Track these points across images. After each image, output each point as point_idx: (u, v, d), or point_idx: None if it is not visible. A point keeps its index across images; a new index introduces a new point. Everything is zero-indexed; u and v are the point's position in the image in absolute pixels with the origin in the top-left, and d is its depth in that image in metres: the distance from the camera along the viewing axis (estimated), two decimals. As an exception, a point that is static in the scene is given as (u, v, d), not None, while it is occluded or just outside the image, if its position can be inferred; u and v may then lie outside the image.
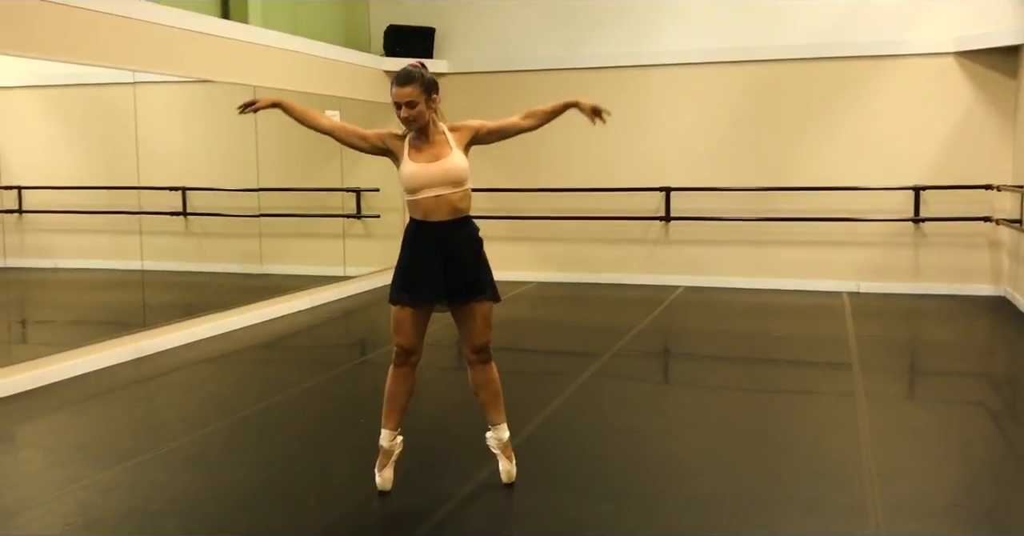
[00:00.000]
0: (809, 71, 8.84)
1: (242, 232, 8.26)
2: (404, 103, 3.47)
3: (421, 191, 3.51)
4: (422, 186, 3.50)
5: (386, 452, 3.73)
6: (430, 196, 3.51)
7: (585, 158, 9.51)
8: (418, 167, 3.49)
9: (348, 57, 9.00)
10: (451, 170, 3.51)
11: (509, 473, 3.78)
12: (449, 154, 3.53)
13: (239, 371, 6.38)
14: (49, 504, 3.68)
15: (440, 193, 3.51)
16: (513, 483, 3.78)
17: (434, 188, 3.51)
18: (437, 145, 3.55)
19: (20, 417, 5.03)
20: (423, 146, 3.55)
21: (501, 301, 3.80)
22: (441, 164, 3.50)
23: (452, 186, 3.52)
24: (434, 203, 3.52)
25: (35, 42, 5.58)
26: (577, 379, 5.61)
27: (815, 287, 8.85)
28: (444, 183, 3.51)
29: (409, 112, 3.48)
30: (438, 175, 3.50)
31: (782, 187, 8.85)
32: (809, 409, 5.17)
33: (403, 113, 3.48)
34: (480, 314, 3.67)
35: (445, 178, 3.51)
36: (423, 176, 3.50)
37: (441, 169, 3.50)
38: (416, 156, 3.52)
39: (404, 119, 3.50)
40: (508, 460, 3.80)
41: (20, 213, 7.14)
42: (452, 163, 3.52)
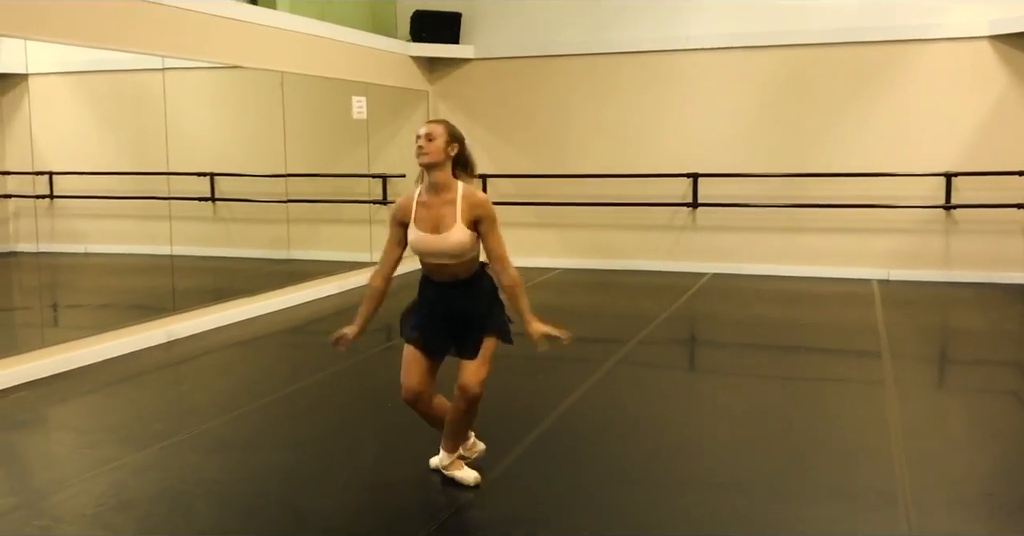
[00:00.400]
0: (839, 56, 8.74)
1: (269, 218, 8.31)
2: (423, 134, 3.46)
3: (425, 256, 3.52)
4: (425, 253, 3.51)
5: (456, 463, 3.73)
6: (432, 262, 3.53)
7: (612, 144, 9.47)
8: (420, 236, 3.46)
9: (375, 43, 9.00)
10: (452, 246, 3.45)
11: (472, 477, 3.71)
12: (451, 228, 3.44)
13: (267, 355, 6.42)
14: (82, 484, 3.73)
15: (440, 262, 3.50)
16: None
17: (436, 258, 3.50)
18: (443, 208, 3.47)
19: (53, 399, 5.10)
20: (432, 203, 3.47)
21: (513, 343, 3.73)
22: (443, 238, 3.44)
23: (451, 258, 3.48)
24: (436, 268, 3.53)
25: (66, 28, 5.62)
26: (603, 366, 5.60)
27: (844, 274, 8.78)
28: (444, 256, 3.48)
29: (425, 144, 3.43)
30: (438, 248, 3.46)
31: (811, 173, 8.77)
32: (838, 397, 5.13)
33: (419, 142, 3.45)
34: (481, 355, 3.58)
35: (445, 252, 3.47)
36: (423, 245, 3.48)
37: (442, 243, 3.45)
38: (421, 217, 3.47)
39: (417, 149, 3.45)
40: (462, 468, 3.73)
41: (51, 198, 7.22)
42: (453, 240, 3.44)
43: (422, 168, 3.49)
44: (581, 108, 9.58)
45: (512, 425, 4.45)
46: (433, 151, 3.44)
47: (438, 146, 3.44)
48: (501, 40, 9.77)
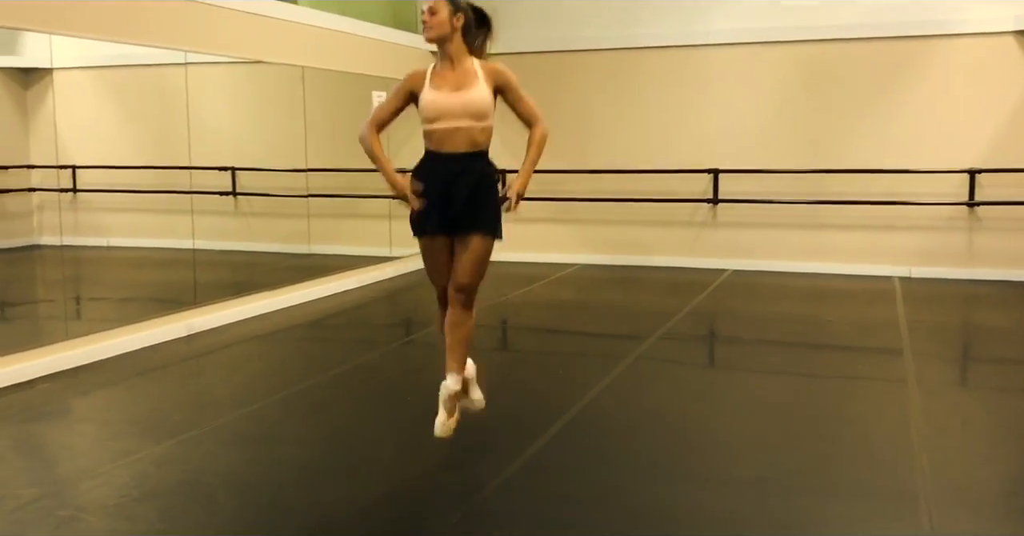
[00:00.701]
0: (862, 51, 8.67)
1: (290, 212, 8.34)
2: (427, 8, 3.42)
3: (438, 121, 3.42)
4: (440, 116, 3.41)
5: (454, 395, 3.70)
6: (448, 127, 3.42)
7: (632, 139, 9.44)
8: (438, 95, 3.39)
9: (396, 38, 9.01)
10: (473, 102, 3.39)
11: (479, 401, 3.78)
12: (475, 86, 3.41)
13: (287, 349, 6.45)
14: (105, 475, 3.76)
15: (458, 125, 3.41)
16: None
17: (453, 119, 3.40)
18: (462, 75, 3.43)
19: (75, 391, 5.15)
20: (447, 74, 3.44)
21: (504, 240, 3.72)
22: (463, 95, 3.39)
23: (472, 119, 3.42)
24: (451, 134, 3.42)
25: (89, 22, 5.66)
26: (622, 361, 5.59)
27: (865, 271, 8.72)
28: (464, 115, 3.40)
29: (429, 18, 3.41)
30: (458, 106, 3.39)
31: (833, 169, 8.70)
32: (859, 395, 5.10)
33: (424, 17, 3.43)
34: (471, 249, 3.51)
35: (466, 110, 3.40)
36: (442, 105, 3.39)
37: (463, 99, 3.39)
38: (438, 84, 3.42)
39: (423, 24, 3.43)
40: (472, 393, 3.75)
41: (74, 192, 7.28)
42: (475, 95, 3.40)
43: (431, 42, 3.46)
44: (602, 103, 9.55)
45: (533, 420, 4.45)
46: (437, 24, 3.42)
47: (442, 18, 3.42)
48: (523, 35, 9.75)
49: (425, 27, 3.42)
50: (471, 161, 3.48)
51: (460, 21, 3.46)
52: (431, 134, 3.45)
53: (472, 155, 3.47)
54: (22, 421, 4.60)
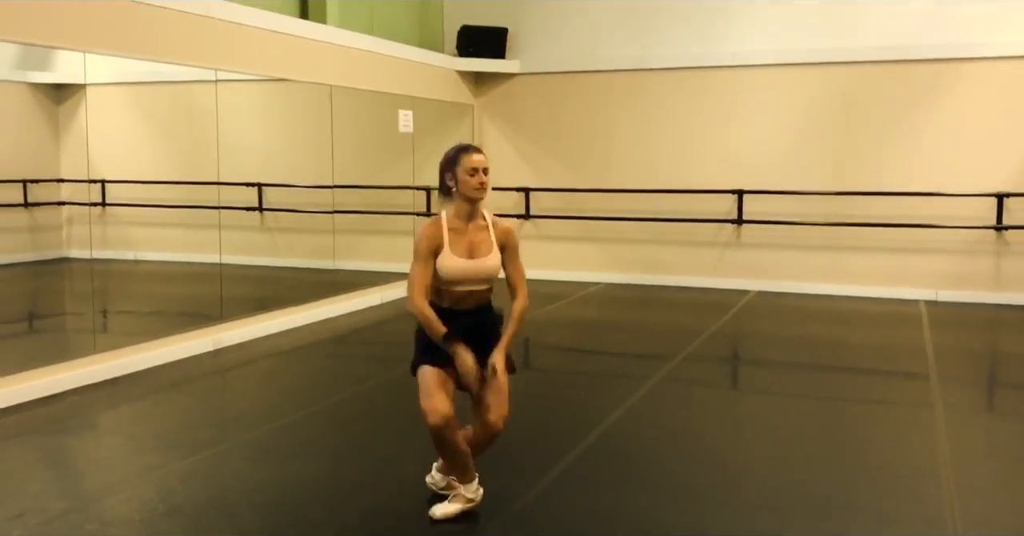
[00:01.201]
0: (887, 74, 8.65)
1: (316, 228, 8.40)
2: (483, 169, 3.42)
3: (456, 285, 3.44)
4: (458, 281, 3.43)
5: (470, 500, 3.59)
6: (464, 290, 3.45)
7: (656, 159, 9.45)
8: (459, 262, 3.40)
9: (422, 57, 9.09)
10: (490, 270, 3.45)
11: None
12: (490, 252, 3.46)
13: (312, 365, 6.49)
14: (132, 490, 3.79)
15: (473, 289, 3.46)
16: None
17: (469, 284, 3.44)
18: (476, 234, 3.46)
19: (103, 405, 5.20)
20: (463, 230, 3.45)
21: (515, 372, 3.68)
22: (482, 263, 3.43)
23: (485, 283, 3.47)
24: (464, 296, 3.46)
25: (124, 41, 5.75)
26: (647, 382, 5.58)
27: (891, 294, 8.67)
28: (480, 281, 3.45)
29: (485, 179, 3.42)
30: (474, 273, 3.43)
31: (858, 192, 8.67)
32: (884, 419, 5.06)
33: (481, 178, 3.41)
34: (501, 390, 3.47)
35: (484, 276, 3.45)
36: (462, 271, 3.41)
37: (481, 267, 3.43)
38: (456, 245, 3.42)
39: (480, 185, 3.41)
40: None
41: (104, 206, 7.37)
42: (491, 263, 3.45)
43: (467, 203, 3.44)
44: (625, 123, 9.58)
45: (555, 441, 4.46)
46: (489, 185, 3.43)
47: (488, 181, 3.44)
48: (546, 55, 9.81)
49: (482, 188, 3.42)
50: (483, 315, 3.51)
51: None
52: (447, 294, 3.46)
53: (483, 309, 3.52)
54: (51, 434, 4.66)
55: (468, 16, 9.88)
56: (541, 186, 9.80)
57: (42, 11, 5.19)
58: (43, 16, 5.20)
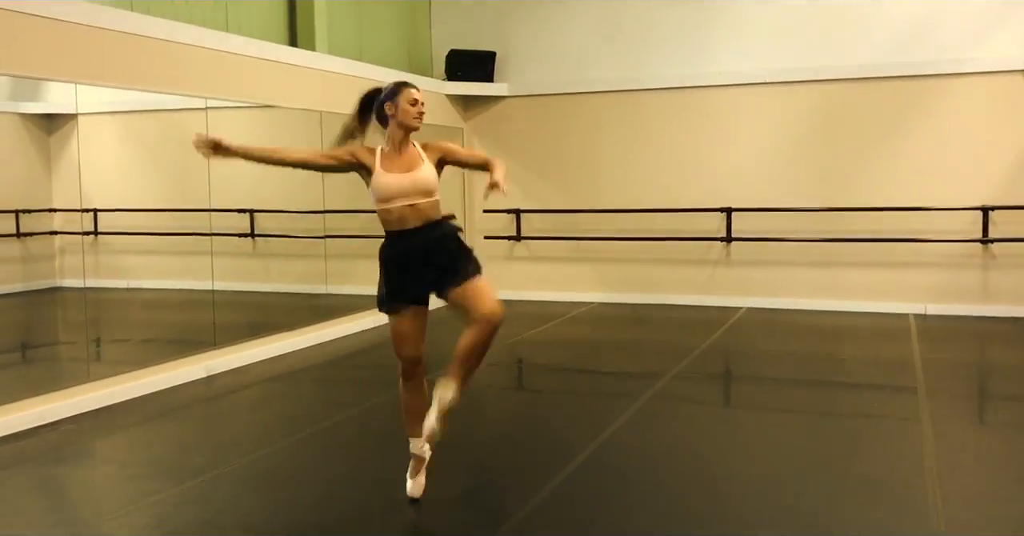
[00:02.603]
0: (873, 90, 8.76)
1: (307, 253, 8.45)
2: (420, 100, 3.75)
3: (394, 200, 3.68)
4: (395, 195, 3.68)
5: (419, 458, 3.89)
6: (404, 204, 3.69)
7: (645, 179, 9.54)
8: (392, 177, 3.68)
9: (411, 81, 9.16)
10: (423, 181, 3.70)
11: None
12: (421, 166, 3.72)
13: (305, 389, 6.51)
14: (126, 516, 3.82)
15: (413, 202, 3.69)
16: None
17: (407, 197, 3.68)
18: (409, 157, 3.74)
19: (98, 433, 5.22)
20: (395, 158, 3.73)
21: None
22: (413, 175, 3.69)
23: (423, 196, 3.70)
24: (408, 211, 3.69)
25: (114, 72, 5.83)
26: (637, 401, 5.62)
27: (880, 309, 8.73)
28: (416, 193, 3.68)
29: (423, 110, 3.75)
30: (410, 185, 3.68)
31: (846, 208, 8.76)
32: (873, 433, 5.11)
33: (421, 108, 3.74)
34: (481, 287, 3.65)
35: (417, 188, 3.69)
36: (396, 186, 3.67)
37: (413, 179, 3.68)
38: (389, 166, 3.70)
39: (419, 115, 3.73)
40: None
41: (96, 235, 7.41)
42: (424, 174, 3.71)
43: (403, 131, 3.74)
44: (615, 143, 9.67)
45: (547, 459, 4.49)
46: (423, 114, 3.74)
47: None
48: (534, 78, 9.91)
49: (419, 118, 3.75)
50: (435, 229, 3.74)
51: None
52: (389, 213, 3.72)
53: (432, 225, 3.73)
54: (46, 462, 4.68)
55: (456, 40, 9.99)
56: (532, 208, 9.87)
57: (32, 44, 5.26)
58: (33, 49, 5.27)
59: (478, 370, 3.75)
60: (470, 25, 10.09)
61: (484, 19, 10.04)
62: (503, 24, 9.99)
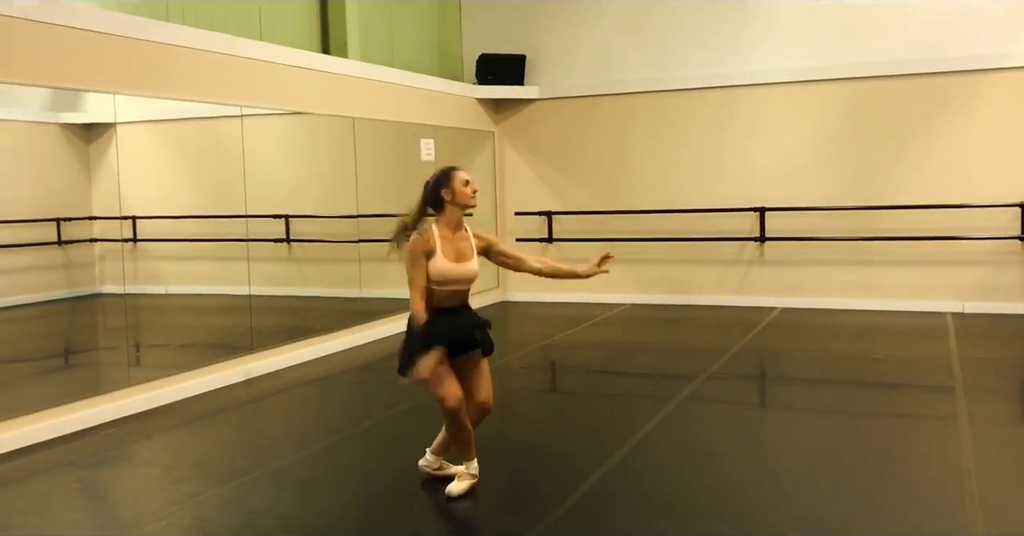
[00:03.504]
0: (906, 87, 8.68)
1: (342, 257, 8.53)
2: (471, 180, 4.02)
3: (445, 285, 3.98)
4: (450, 282, 3.98)
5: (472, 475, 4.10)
6: (451, 289, 4.00)
7: (677, 179, 9.52)
8: (449, 266, 3.96)
9: (441, 86, 9.24)
10: (471, 272, 4.02)
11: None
12: (472, 258, 4.04)
13: (341, 392, 6.59)
14: (168, 518, 3.90)
15: (458, 288, 4.02)
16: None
17: (456, 284, 4.00)
18: (461, 242, 4.03)
19: (139, 436, 5.32)
20: (451, 239, 4.00)
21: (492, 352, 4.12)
22: (467, 266, 4.01)
23: (467, 284, 4.05)
24: (451, 295, 4.01)
25: (151, 82, 5.94)
26: (671, 402, 5.62)
27: (917, 308, 8.64)
28: (463, 281, 4.02)
29: (477, 188, 4.03)
30: (459, 274, 3.99)
31: (882, 206, 8.69)
32: (909, 433, 5.07)
33: (474, 187, 4.02)
34: (487, 373, 4.08)
35: (464, 277, 4.01)
36: (453, 274, 3.97)
37: (467, 270, 4.01)
38: (446, 251, 3.97)
39: (474, 193, 4.01)
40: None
41: (135, 242, 7.53)
42: (473, 266, 4.03)
43: (461, 210, 4.01)
44: (646, 144, 9.67)
45: (580, 461, 4.51)
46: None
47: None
48: (565, 80, 9.94)
49: (475, 196, 4.03)
50: (464, 310, 4.10)
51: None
52: (438, 293, 3.99)
53: (464, 306, 4.10)
54: (89, 466, 4.78)
55: (486, 45, 10.05)
56: (563, 209, 9.90)
57: (71, 56, 5.38)
58: (72, 60, 5.39)
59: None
60: (500, 29, 10.13)
61: (514, 23, 10.09)
62: (533, 27, 10.03)
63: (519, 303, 10.04)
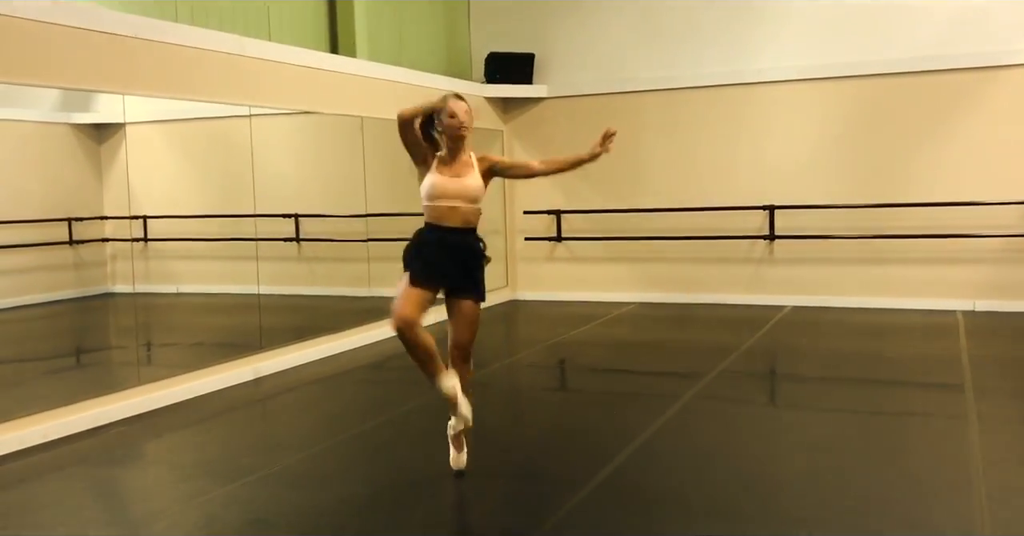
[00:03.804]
0: (917, 84, 8.64)
1: (351, 256, 8.55)
2: (467, 110, 4.09)
3: (439, 200, 4.06)
4: (441, 195, 4.06)
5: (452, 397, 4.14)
6: (447, 205, 4.06)
7: (687, 177, 9.51)
8: (442, 179, 4.07)
9: (450, 85, 9.23)
10: (469, 188, 4.09)
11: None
12: (470, 174, 4.11)
13: (349, 391, 6.61)
14: (176, 516, 3.92)
15: (455, 205, 4.06)
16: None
17: (451, 199, 4.06)
18: (462, 165, 4.12)
19: (148, 435, 5.35)
20: (450, 163, 4.11)
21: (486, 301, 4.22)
22: (462, 181, 4.08)
23: (466, 201, 4.08)
24: (449, 212, 4.06)
25: (160, 82, 5.96)
26: (679, 400, 5.62)
27: (927, 306, 8.61)
28: (460, 197, 4.06)
29: (468, 121, 4.06)
30: (457, 189, 4.06)
31: (892, 204, 8.66)
32: (918, 431, 5.05)
33: (462, 119, 4.04)
34: (468, 314, 4.12)
35: (462, 193, 4.07)
36: (443, 186, 4.06)
37: (461, 185, 4.07)
38: (442, 170, 4.09)
39: (463, 126, 4.05)
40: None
41: (146, 241, 7.58)
42: (470, 182, 4.09)
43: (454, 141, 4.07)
44: (655, 142, 9.65)
45: (586, 458, 4.52)
46: (470, 129, 4.09)
47: (471, 125, 4.09)
48: (574, 78, 9.93)
49: (463, 129, 4.08)
50: (464, 235, 4.11)
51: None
52: (432, 209, 4.10)
53: (466, 231, 4.11)
54: (99, 463, 4.81)
55: (495, 43, 10.05)
56: (571, 208, 9.89)
57: (80, 56, 5.41)
58: (81, 61, 5.42)
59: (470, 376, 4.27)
60: (509, 27, 10.14)
61: (523, 21, 10.09)
62: (542, 26, 10.02)
63: (528, 302, 10.04)
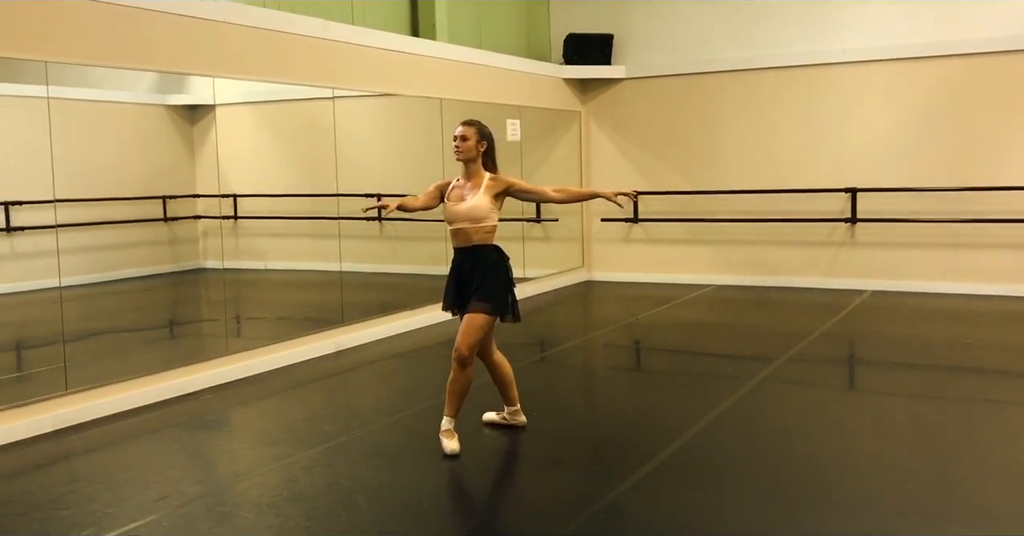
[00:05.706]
0: (1004, 64, 8.39)
1: (430, 236, 8.73)
2: (459, 134, 4.36)
3: (451, 225, 4.39)
4: (452, 220, 4.37)
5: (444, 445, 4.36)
6: (454, 228, 4.38)
7: (765, 159, 9.42)
8: (449, 205, 4.37)
9: (528, 67, 9.33)
10: (470, 210, 4.32)
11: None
12: (474, 196, 4.33)
13: (426, 365, 6.80)
14: (260, 477, 4.15)
15: (461, 227, 4.36)
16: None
17: (457, 223, 4.35)
18: (470, 188, 4.37)
19: (235, 402, 5.63)
20: (463, 186, 4.38)
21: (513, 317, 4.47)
22: (464, 204, 4.33)
23: (471, 222, 4.33)
24: (456, 234, 4.39)
25: (248, 65, 6.21)
26: (748, 382, 5.64)
27: (1012, 292, 8.40)
28: (465, 219, 4.33)
29: (460, 144, 4.33)
30: (460, 213, 4.33)
31: (977, 187, 8.45)
32: (992, 418, 4.98)
33: (455, 142, 4.35)
34: (467, 321, 4.33)
35: (466, 216, 4.32)
36: (450, 214, 4.37)
37: (464, 208, 4.33)
38: (452, 196, 4.38)
39: (454, 148, 4.35)
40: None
41: (235, 219, 7.87)
42: (472, 205, 4.32)
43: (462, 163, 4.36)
44: (733, 124, 9.58)
45: (655, 434, 4.61)
46: (465, 149, 4.35)
47: (470, 145, 4.35)
48: (652, 59, 9.91)
49: (456, 151, 4.36)
50: (477, 254, 4.38)
51: (484, 147, 4.40)
52: (450, 234, 4.43)
53: (475, 249, 4.37)
54: (189, 428, 5.10)
55: (574, 24, 10.08)
56: (649, 189, 9.90)
57: (174, 41, 5.67)
58: (175, 46, 5.69)
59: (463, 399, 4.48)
60: (587, 8, 10.15)
61: (601, 2, 10.09)
62: (620, 6, 10.02)
63: (603, 282, 10.11)
